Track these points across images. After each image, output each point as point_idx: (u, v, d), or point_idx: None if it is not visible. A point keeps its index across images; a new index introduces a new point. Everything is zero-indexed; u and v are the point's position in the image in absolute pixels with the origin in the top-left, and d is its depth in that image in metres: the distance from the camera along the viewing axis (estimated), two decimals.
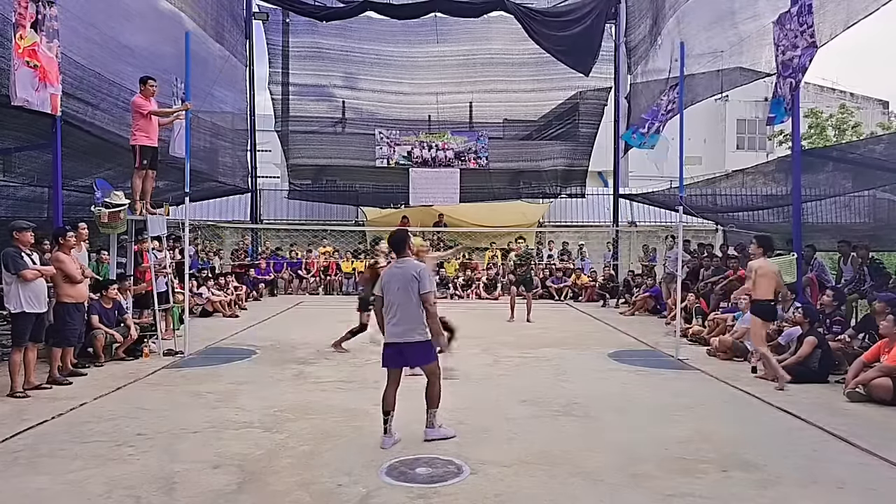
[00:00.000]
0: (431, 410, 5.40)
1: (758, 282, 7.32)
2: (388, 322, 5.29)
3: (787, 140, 20.40)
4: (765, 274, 7.32)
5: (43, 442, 5.31)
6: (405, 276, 5.24)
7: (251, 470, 4.67)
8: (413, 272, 5.23)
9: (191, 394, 6.92)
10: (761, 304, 7.38)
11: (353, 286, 18.62)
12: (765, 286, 7.33)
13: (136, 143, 9.17)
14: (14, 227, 7.01)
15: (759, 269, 7.34)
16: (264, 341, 10.21)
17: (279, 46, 20.18)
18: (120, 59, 10.81)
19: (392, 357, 5.31)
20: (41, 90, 7.98)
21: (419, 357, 5.33)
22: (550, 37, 18.32)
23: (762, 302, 7.37)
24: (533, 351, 9.50)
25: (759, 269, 7.34)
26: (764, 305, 7.37)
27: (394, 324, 5.26)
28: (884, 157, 9.61)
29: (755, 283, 7.34)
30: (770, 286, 7.38)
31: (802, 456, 5.04)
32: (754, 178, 13.35)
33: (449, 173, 19.91)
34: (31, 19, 7.80)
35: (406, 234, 5.62)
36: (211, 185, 16.69)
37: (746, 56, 11.92)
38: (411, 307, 5.21)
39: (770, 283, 7.36)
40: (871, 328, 7.97)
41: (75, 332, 7.68)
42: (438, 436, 5.34)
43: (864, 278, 9.98)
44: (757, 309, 7.42)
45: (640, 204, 20.30)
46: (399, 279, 5.26)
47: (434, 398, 5.39)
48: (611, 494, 4.30)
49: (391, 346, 5.29)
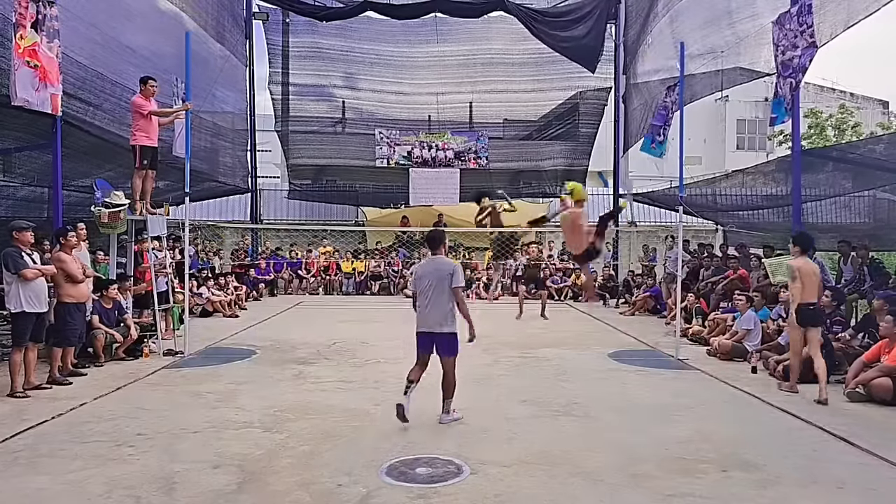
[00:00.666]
0: (447, 400, 5.88)
1: (804, 283, 6.82)
2: (421, 313, 5.89)
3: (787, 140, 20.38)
4: (808, 274, 6.85)
5: (43, 442, 5.31)
6: (440, 271, 5.80)
7: (251, 470, 4.67)
8: (448, 269, 5.83)
9: (191, 394, 6.92)
10: (806, 308, 6.85)
11: (353, 286, 18.65)
12: (809, 288, 6.84)
13: (136, 143, 9.17)
14: (14, 226, 7.01)
15: (801, 269, 6.85)
16: (264, 341, 10.21)
17: (279, 46, 20.18)
18: (122, 58, 10.82)
19: (424, 344, 5.91)
20: (41, 90, 7.98)
21: (445, 348, 5.83)
22: (553, 35, 18.33)
23: (807, 306, 6.85)
24: (533, 351, 9.50)
25: (801, 269, 6.85)
26: (808, 310, 6.86)
27: (426, 314, 5.84)
28: (884, 157, 9.62)
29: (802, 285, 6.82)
30: (814, 288, 6.92)
31: (802, 456, 5.04)
32: (754, 178, 13.36)
33: (449, 173, 19.91)
34: (32, 19, 7.80)
35: (443, 233, 6.31)
36: (211, 185, 16.69)
37: (745, 56, 11.92)
38: (443, 300, 5.74)
39: (813, 284, 6.90)
40: (871, 328, 7.97)
41: (76, 332, 7.68)
42: (449, 420, 5.85)
43: (864, 278, 9.98)
44: (802, 315, 6.85)
45: (640, 204, 20.30)
46: (433, 274, 5.82)
47: (449, 388, 5.88)
48: (611, 494, 4.30)
49: (424, 335, 5.90)
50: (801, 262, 7.00)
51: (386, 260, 19.18)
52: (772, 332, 9.02)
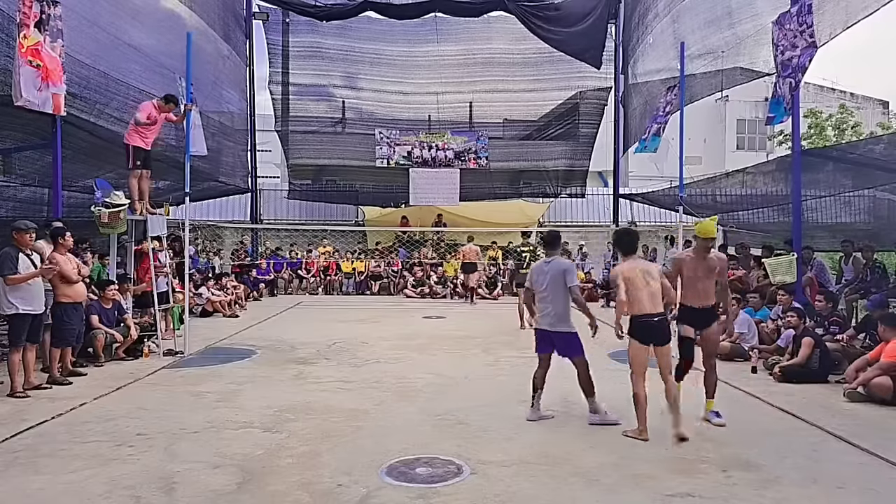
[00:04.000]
0: (589, 398, 5.94)
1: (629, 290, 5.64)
2: (540, 312, 6.03)
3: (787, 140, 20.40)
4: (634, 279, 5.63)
5: (43, 442, 5.31)
6: (556, 271, 5.92)
7: (251, 470, 4.67)
8: (563, 267, 5.96)
9: (191, 394, 6.92)
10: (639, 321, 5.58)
11: (353, 286, 18.66)
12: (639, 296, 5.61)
13: (130, 142, 9.19)
14: (15, 227, 6.99)
15: (625, 274, 5.67)
16: (264, 341, 10.21)
17: (279, 46, 20.21)
18: (127, 57, 10.82)
19: (541, 340, 6.08)
20: (43, 90, 7.97)
21: (565, 348, 5.97)
22: (556, 33, 18.34)
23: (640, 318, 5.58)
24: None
25: (625, 274, 5.67)
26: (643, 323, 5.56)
27: (544, 314, 5.99)
28: (884, 157, 9.62)
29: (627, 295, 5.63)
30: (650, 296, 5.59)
31: (802, 456, 5.04)
32: (754, 178, 13.36)
33: (449, 173, 19.92)
34: (35, 19, 7.80)
35: (559, 234, 6.52)
36: (211, 185, 16.69)
37: (744, 56, 11.93)
38: (560, 299, 5.87)
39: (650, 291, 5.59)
40: (871, 328, 7.97)
41: (73, 332, 7.68)
42: (598, 421, 5.81)
43: (865, 278, 9.99)
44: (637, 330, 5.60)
45: (640, 204, 20.32)
46: (549, 274, 5.94)
47: (587, 387, 5.93)
48: (611, 494, 4.30)
49: (541, 332, 6.06)
50: (625, 266, 5.71)
51: (386, 260, 19.19)
52: (770, 332, 9.03)
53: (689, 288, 5.96)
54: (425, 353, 9.34)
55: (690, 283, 5.92)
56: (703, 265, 5.88)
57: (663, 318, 5.53)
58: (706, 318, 5.95)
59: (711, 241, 5.99)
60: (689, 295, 5.96)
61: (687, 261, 5.97)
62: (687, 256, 6.03)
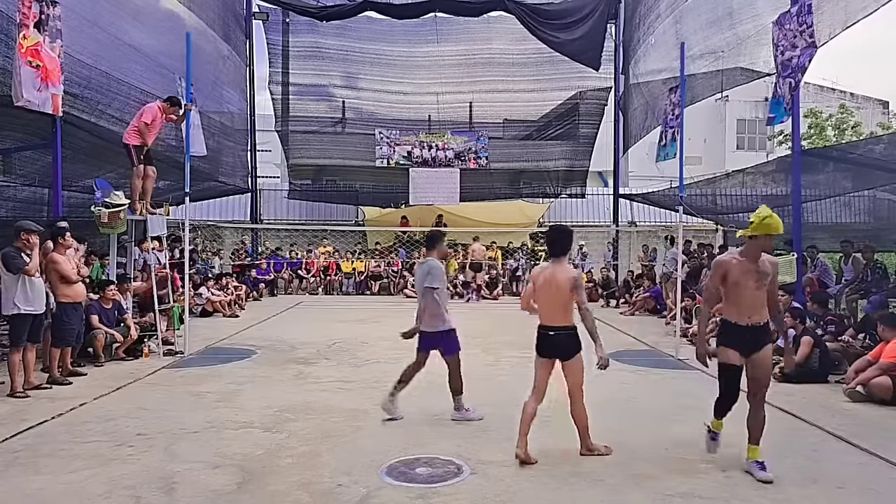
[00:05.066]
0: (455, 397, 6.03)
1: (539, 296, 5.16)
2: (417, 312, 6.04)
3: (787, 140, 20.40)
4: (544, 285, 5.07)
5: (43, 442, 5.31)
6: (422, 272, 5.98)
7: (251, 470, 4.67)
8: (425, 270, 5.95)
9: (191, 394, 6.92)
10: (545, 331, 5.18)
11: (353, 286, 18.66)
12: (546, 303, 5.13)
13: (129, 141, 9.19)
14: (22, 228, 6.99)
15: (535, 279, 5.18)
16: (264, 341, 10.21)
17: (279, 46, 20.21)
18: (127, 57, 10.83)
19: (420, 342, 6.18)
20: (43, 90, 7.97)
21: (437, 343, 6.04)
22: (554, 35, 18.34)
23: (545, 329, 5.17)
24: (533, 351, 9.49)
25: (535, 279, 5.18)
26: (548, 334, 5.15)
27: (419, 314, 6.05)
28: (884, 157, 9.62)
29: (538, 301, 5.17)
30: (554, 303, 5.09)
31: (802, 456, 5.04)
32: (754, 178, 13.36)
33: (449, 173, 19.92)
34: (35, 19, 7.80)
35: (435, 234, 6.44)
36: (211, 185, 16.70)
37: (745, 56, 11.94)
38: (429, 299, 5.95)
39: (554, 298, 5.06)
40: (871, 328, 7.98)
41: (73, 332, 7.68)
42: (459, 417, 5.97)
43: (865, 279, 10.00)
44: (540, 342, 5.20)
45: (640, 204, 20.32)
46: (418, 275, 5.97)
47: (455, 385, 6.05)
48: (611, 494, 4.30)
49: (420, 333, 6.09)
50: (538, 271, 5.16)
51: (386, 260, 19.19)
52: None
53: (733, 299, 4.71)
54: None
55: (736, 293, 4.67)
56: (754, 271, 4.61)
57: (561, 332, 4.91)
58: (756, 338, 4.68)
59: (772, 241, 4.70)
60: (734, 308, 4.71)
61: (733, 265, 4.66)
62: (733, 259, 4.71)
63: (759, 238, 4.61)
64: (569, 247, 5.17)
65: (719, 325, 4.92)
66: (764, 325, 4.70)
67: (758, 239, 4.61)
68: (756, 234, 4.59)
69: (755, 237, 4.61)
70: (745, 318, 4.66)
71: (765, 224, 4.56)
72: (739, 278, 4.62)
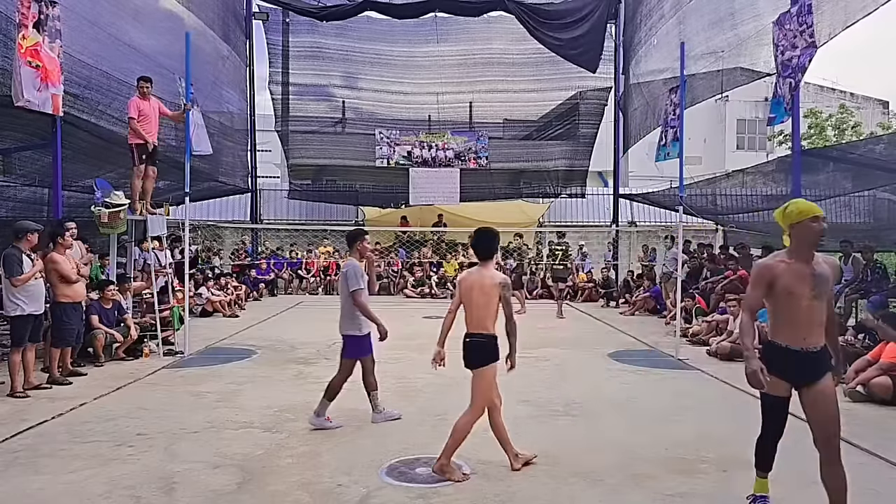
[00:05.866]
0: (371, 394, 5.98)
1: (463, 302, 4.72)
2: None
3: (787, 140, 20.41)
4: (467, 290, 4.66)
5: (43, 442, 5.31)
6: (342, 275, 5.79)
7: (251, 470, 4.67)
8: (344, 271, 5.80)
9: (191, 394, 6.93)
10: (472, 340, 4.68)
11: None
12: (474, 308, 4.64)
13: (130, 140, 9.20)
14: (26, 228, 6.98)
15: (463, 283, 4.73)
16: (264, 341, 10.21)
17: (279, 46, 20.20)
18: (128, 58, 10.83)
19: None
20: (43, 90, 7.98)
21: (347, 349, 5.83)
22: (553, 35, 18.34)
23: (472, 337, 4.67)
24: (533, 351, 9.50)
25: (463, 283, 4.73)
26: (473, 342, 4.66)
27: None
28: (884, 157, 9.62)
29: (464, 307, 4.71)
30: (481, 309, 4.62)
31: (802, 456, 5.02)
32: (754, 178, 13.37)
33: (449, 173, 19.92)
34: (34, 19, 7.80)
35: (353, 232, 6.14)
36: (211, 185, 16.70)
37: (746, 56, 11.95)
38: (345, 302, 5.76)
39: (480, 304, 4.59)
40: (871, 329, 7.98)
41: (73, 332, 7.68)
42: (380, 419, 5.91)
43: (865, 279, 9.99)
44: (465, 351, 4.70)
45: (640, 204, 20.33)
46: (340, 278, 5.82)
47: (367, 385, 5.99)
48: (611, 494, 4.30)
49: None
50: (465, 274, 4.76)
51: (386, 260, 19.19)
52: None
53: (784, 315, 3.68)
54: (425, 353, 9.24)
55: (788, 306, 3.64)
56: (809, 275, 3.60)
57: (474, 340, 4.56)
58: (814, 366, 3.65)
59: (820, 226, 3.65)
60: (785, 328, 3.69)
61: (781, 269, 3.64)
62: (781, 263, 3.67)
63: (802, 224, 3.61)
64: (495, 249, 4.72)
65: (761, 348, 3.88)
66: (822, 350, 3.66)
67: (802, 226, 3.61)
68: (800, 220, 3.62)
69: (798, 224, 3.62)
70: (800, 339, 3.63)
71: (799, 208, 3.67)
72: (792, 286, 3.58)
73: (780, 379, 3.70)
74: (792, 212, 3.68)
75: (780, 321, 3.71)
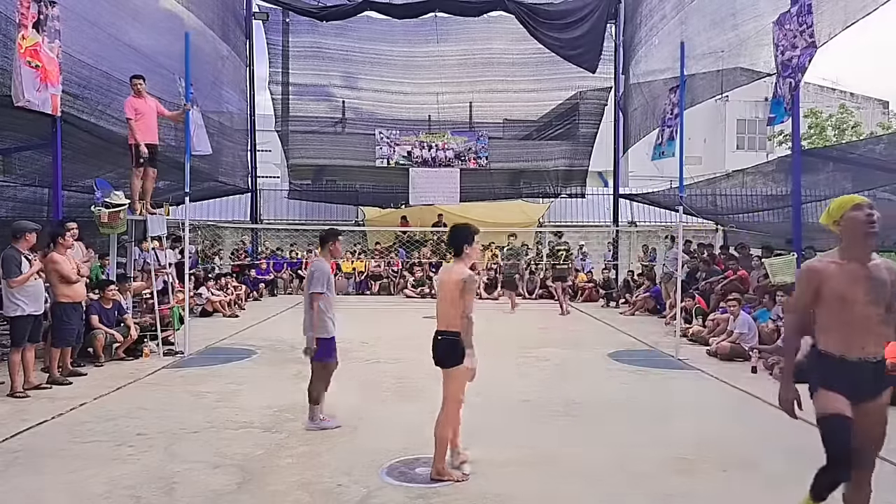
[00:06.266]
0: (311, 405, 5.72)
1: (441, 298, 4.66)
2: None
3: (787, 140, 20.40)
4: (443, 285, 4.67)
5: (43, 442, 5.32)
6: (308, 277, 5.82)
7: (251, 470, 4.67)
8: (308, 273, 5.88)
9: (191, 394, 6.93)
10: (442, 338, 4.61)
11: (353, 286, 18.64)
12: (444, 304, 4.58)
13: (130, 141, 9.19)
14: (24, 228, 6.98)
15: (442, 280, 4.73)
16: (264, 341, 10.21)
17: (279, 46, 20.19)
18: (128, 58, 10.82)
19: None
20: (42, 90, 7.97)
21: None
22: (553, 35, 18.34)
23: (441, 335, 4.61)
24: (533, 351, 9.51)
25: (442, 280, 4.73)
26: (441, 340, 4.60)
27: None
28: (884, 157, 9.62)
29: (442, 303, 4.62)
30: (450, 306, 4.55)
31: (803, 456, 5.03)
32: (754, 178, 13.37)
33: (449, 173, 19.92)
34: (34, 19, 7.80)
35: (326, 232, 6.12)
36: (211, 185, 16.69)
37: (746, 56, 11.94)
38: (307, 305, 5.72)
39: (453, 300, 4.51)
40: None
41: (73, 332, 7.67)
42: (314, 427, 5.62)
43: None
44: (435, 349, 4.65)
45: (640, 204, 20.33)
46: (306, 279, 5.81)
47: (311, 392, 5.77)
48: (611, 494, 4.30)
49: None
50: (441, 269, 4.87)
51: (386, 260, 19.19)
52: (770, 332, 9.04)
53: (837, 321, 3.28)
54: (425, 353, 9.25)
55: (841, 311, 3.25)
56: (865, 277, 3.24)
57: (445, 338, 4.49)
58: (874, 380, 3.26)
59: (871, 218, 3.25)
60: (838, 335, 3.28)
61: (831, 271, 3.30)
62: (831, 264, 3.34)
63: (845, 217, 3.30)
64: (463, 244, 4.65)
65: (812, 358, 3.41)
66: (882, 361, 3.27)
67: (845, 220, 3.30)
68: (840, 213, 3.33)
69: (841, 219, 3.33)
70: (857, 348, 3.22)
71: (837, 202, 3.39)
72: (845, 289, 3.22)
73: (839, 394, 3.21)
74: (832, 208, 3.38)
75: (832, 329, 3.29)
